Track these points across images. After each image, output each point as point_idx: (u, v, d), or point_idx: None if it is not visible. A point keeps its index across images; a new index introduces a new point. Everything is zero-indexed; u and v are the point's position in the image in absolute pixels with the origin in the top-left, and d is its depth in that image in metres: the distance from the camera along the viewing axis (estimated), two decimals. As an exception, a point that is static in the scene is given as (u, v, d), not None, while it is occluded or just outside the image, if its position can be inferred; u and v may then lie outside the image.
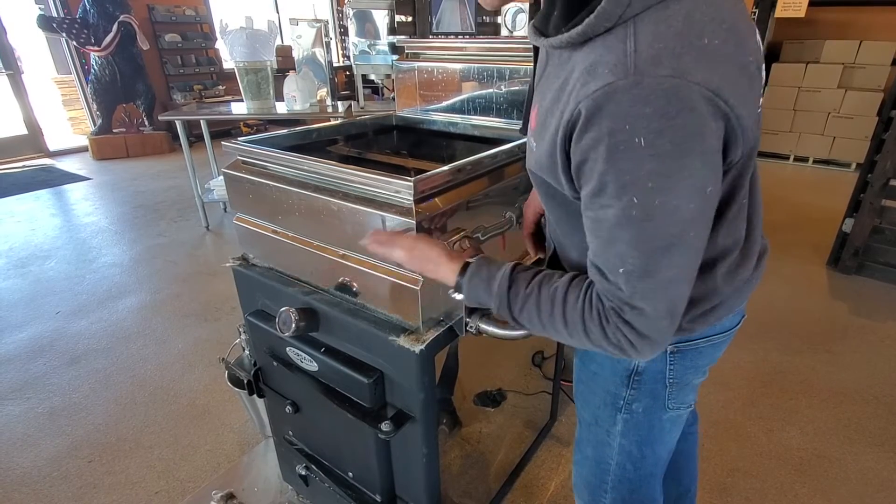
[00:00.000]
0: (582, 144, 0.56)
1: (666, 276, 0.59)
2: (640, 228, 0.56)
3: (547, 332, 0.71)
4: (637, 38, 0.52)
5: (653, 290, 0.60)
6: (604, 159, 0.55)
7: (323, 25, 4.02)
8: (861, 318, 2.54)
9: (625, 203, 0.55)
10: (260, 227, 1.10)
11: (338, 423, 1.16)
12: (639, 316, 0.62)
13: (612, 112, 0.52)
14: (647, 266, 0.58)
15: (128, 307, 2.73)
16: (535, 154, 0.69)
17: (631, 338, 0.63)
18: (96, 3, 5.27)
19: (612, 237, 0.59)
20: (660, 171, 0.53)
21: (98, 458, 1.77)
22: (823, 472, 1.68)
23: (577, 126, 0.56)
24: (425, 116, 1.48)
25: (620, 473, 0.94)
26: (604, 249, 0.61)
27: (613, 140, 0.53)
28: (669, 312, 0.63)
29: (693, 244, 0.60)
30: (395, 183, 0.82)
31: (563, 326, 0.68)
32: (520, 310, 0.72)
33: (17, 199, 4.52)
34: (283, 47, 6.62)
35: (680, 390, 0.85)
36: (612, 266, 0.61)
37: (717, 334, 0.82)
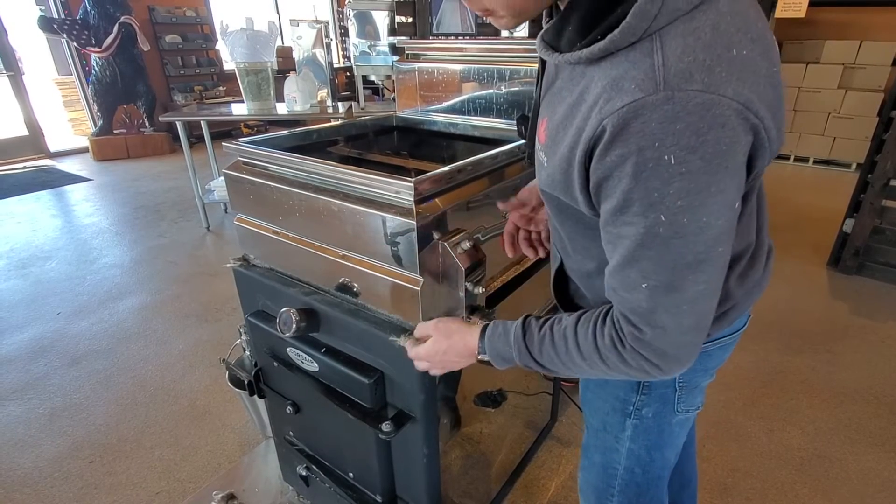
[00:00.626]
0: (606, 162, 0.54)
1: (694, 291, 0.58)
2: (668, 246, 0.55)
3: (570, 370, 0.71)
4: (665, 51, 0.51)
5: (677, 306, 0.59)
6: (630, 177, 0.53)
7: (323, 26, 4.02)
8: (861, 318, 2.54)
9: (651, 221, 0.54)
10: (261, 228, 1.11)
11: (338, 424, 1.16)
12: (661, 334, 0.60)
13: (641, 129, 0.50)
14: (674, 282, 0.57)
15: (128, 308, 2.73)
16: (547, 169, 0.67)
17: (652, 358, 0.63)
18: (97, 5, 5.27)
19: (636, 255, 0.57)
20: (689, 189, 0.52)
21: (99, 459, 1.77)
22: (824, 472, 1.68)
23: (601, 143, 0.54)
24: (426, 117, 1.48)
25: (628, 478, 0.94)
26: (625, 266, 0.59)
27: (642, 157, 0.51)
28: (696, 327, 0.61)
29: (720, 258, 0.59)
30: (395, 184, 0.82)
31: (581, 360, 0.68)
32: (539, 353, 0.72)
33: (17, 200, 4.52)
34: (284, 48, 6.62)
35: (689, 393, 0.85)
36: (632, 282, 0.59)
37: (726, 336, 0.82)
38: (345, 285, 1.00)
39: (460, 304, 0.91)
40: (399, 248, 0.86)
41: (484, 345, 0.78)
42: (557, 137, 0.63)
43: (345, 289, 1.00)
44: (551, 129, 0.65)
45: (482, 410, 1.32)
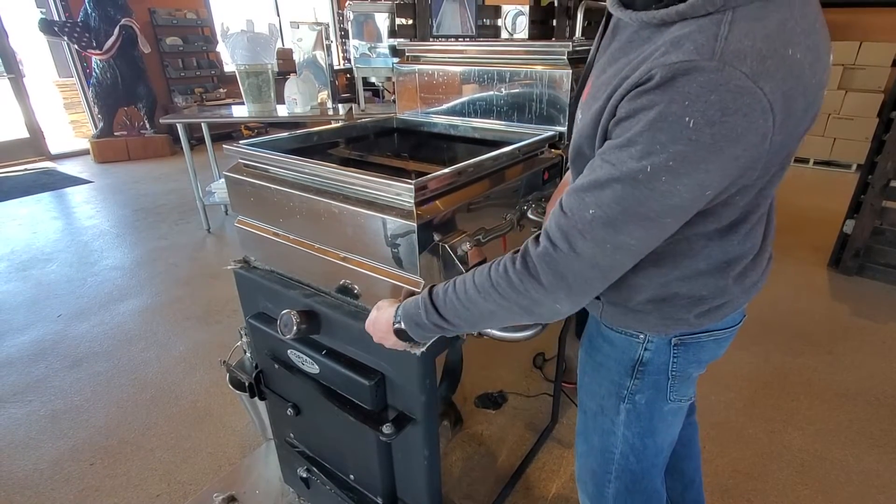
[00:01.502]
0: (636, 103, 0.57)
1: (623, 240, 0.61)
2: (635, 191, 0.58)
3: (471, 314, 0.73)
4: (732, 26, 0.53)
5: (604, 241, 0.62)
6: (648, 122, 0.55)
7: (324, 28, 4.03)
8: (862, 319, 2.54)
9: (639, 166, 0.57)
10: (261, 230, 1.11)
11: (339, 426, 1.16)
12: (573, 258, 0.63)
13: (681, 87, 0.53)
14: (616, 221, 0.60)
15: (129, 310, 2.73)
16: (579, 125, 0.70)
17: (544, 277, 0.65)
18: (98, 7, 5.29)
19: (605, 184, 0.60)
20: (685, 157, 0.55)
21: (99, 461, 1.77)
22: (825, 473, 1.68)
23: (641, 87, 0.57)
24: (426, 119, 1.48)
25: (624, 463, 0.96)
26: (589, 188, 0.62)
27: (667, 110, 0.54)
28: (602, 270, 0.64)
29: (662, 229, 0.62)
30: (395, 186, 0.82)
31: (477, 294, 0.71)
32: (443, 304, 0.75)
33: (18, 203, 4.53)
34: (284, 50, 6.64)
35: (682, 383, 0.87)
36: (584, 204, 0.62)
37: (720, 330, 0.84)
38: (345, 287, 1.00)
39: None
40: (400, 250, 0.86)
41: (398, 312, 0.81)
42: (598, 93, 0.66)
43: (345, 291, 1.00)
44: (595, 87, 0.68)
45: (483, 412, 1.32)
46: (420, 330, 0.79)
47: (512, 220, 1.09)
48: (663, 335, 0.82)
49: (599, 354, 0.91)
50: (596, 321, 0.91)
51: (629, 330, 0.84)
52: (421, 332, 0.80)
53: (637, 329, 0.83)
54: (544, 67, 1.23)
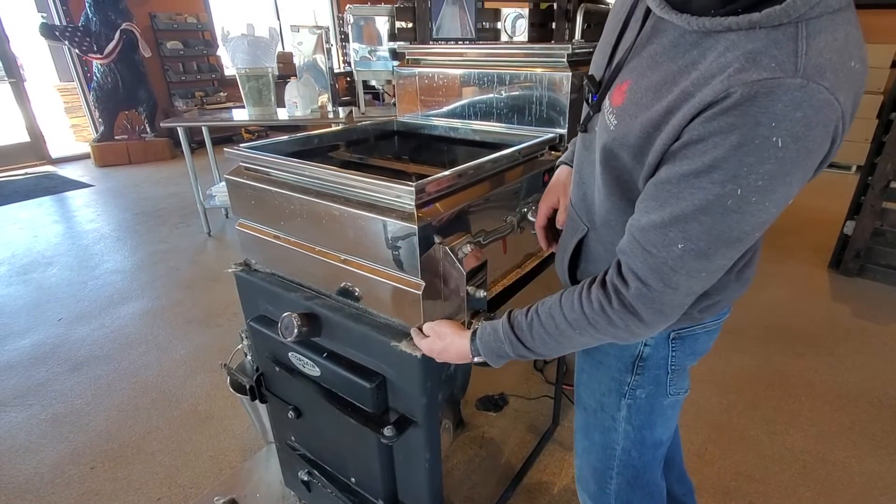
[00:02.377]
0: (713, 125, 0.55)
1: (717, 264, 0.62)
2: (725, 218, 0.57)
3: (561, 345, 0.76)
4: (809, 42, 0.52)
5: (699, 272, 0.62)
6: (732, 146, 0.54)
7: (324, 32, 4.04)
8: (863, 320, 2.54)
9: (726, 191, 0.56)
10: (262, 233, 1.11)
11: (340, 429, 1.16)
12: (671, 294, 0.64)
13: (766, 107, 0.52)
14: (709, 251, 0.60)
15: (130, 313, 2.73)
16: (617, 132, 0.66)
17: (645, 315, 0.66)
18: (98, 12, 5.30)
19: (689, 217, 0.59)
20: (774, 174, 0.54)
21: (100, 465, 1.77)
22: (827, 475, 1.67)
23: (717, 107, 0.54)
24: (426, 122, 1.48)
25: (626, 459, 0.97)
26: (670, 224, 0.60)
27: (754, 132, 0.52)
28: (696, 294, 0.66)
29: (750, 242, 0.62)
30: (396, 188, 0.83)
31: (571, 330, 0.72)
32: (530, 338, 0.77)
33: (19, 206, 4.53)
34: (285, 54, 6.65)
35: (679, 376, 0.89)
36: (669, 241, 0.61)
37: (711, 321, 0.87)
38: (346, 289, 1.00)
39: (462, 308, 0.91)
40: (400, 253, 0.87)
41: (477, 347, 0.83)
42: (644, 101, 0.63)
43: (346, 293, 1.00)
44: (636, 92, 0.64)
45: (484, 414, 1.31)
46: (500, 359, 0.82)
47: (512, 222, 1.10)
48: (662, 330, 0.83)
49: (598, 352, 0.92)
50: None
51: None
52: (500, 361, 0.82)
53: None
54: (544, 70, 1.23)
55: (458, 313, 0.93)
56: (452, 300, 0.92)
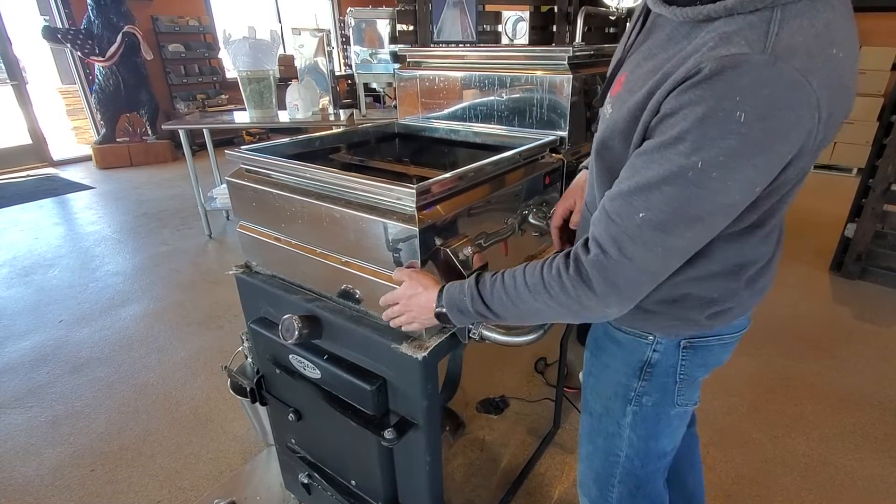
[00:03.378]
0: (683, 98, 0.57)
1: (675, 243, 0.62)
2: (686, 190, 0.58)
3: (518, 308, 0.75)
4: (782, 24, 0.54)
5: (655, 245, 0.62)
6: (696, 118, 0.55)
7: (325, 35, 4.05)
8: (865, 322, 2.53)
9: (689, 163, 0.57)
10: (263, 235, 1.11)
11: (341, 431, 1.16)
12: (625, 264, 0.63)
13: (731, 80, 0.53)
14: (667, 224, 0.60)
15: (130, 315, 2.73)
16: (610, 119, 0.70)
17: (596, 285, 0.65)
18: (100, 14, 5.32)
19: (653, 186, 0.60)
20: (736, 151, 0.55)
21: (100, 467, 1.76)
22: (829, 478, 1.67)
23: (689, 81, 0.56)
24: (427, 124, 1.49)
25: (628, 467, 0.95)
26: (635, 192, 0.62)
27: (717, 105, 0.54)
28: (653, 274, 0.65)
29: (712, 228, 0.63)
30: (397, 190, 0.83)
31: (528, 292, 0.72)
32: (490, 295, 0.76)
33: (21, 209, 4.54)
34: (286, 56, 6.67)
35: (688, 386, 0.87)
36: (632, 209, 0.62)
37: (728, 334, 0.85)
38: (347, 292, 1.00)
39: (462, 311, 0.91)
40: (401, 255, 0.87)
41: (441, 297, 0.81)
42: (635, 87, 0.66)
43: (347, 295, 1.00)
44: (630, 81, 0.68)
45: (484, 417, 1.31)
46: (462, 316, 0.80)
47: (513, 224, 1.10)
48: (672, 337, 0.82)
49: (605, 355, 0.91)
50: (602, 323, 0.91)
51: (638, 331, 0.84)
52: (462, 318, 0.81)
53: (646, 330, 0.83)
54: (545, 72, 1.23)
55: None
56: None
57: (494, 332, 0.92)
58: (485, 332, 0.92)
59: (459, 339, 0.96)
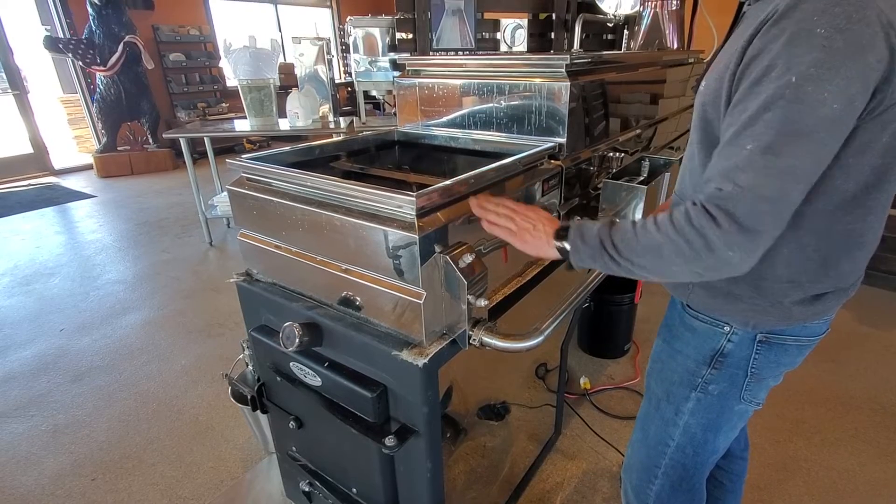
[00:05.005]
0: (766, 37, 0.64)
1: (785, 163, 0.63)
2: (785, 109, 0.62)
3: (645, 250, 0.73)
4: None
5: (766, 167, 0.63)
6: (783, 44, 0.62)
7: (325, 43, 4.08)
8: (866, 326, 2.53)
9: (783, 83, 0.61)
10: (264, 243, 1.11)
11: (342, 439, 1.16)
12: (740, 193, 0.64)
13: (806, 7, 0.61)
14: (774, 145, 0.63)
15: (131, 324, 2.74)
16: (703, 91, 0.77)
17: (719, 217, 0.65)
18: (102, 24, 5.36)
19: (755, 118, 0.64)
20: (823, 62, 0.60)
21: (101, 476, 1.76)
22: (831, 483, 1.66)
23: (768, 23, 0.64)
24: (426, 131, 1.50)
25: (677, 457, 0.96)
26: (739, 133, 0.65)
27: (798, 28, 0.61)
28: (772, 201, 0.64)
29: (820, 146, 0.63)
30: (397, 198, 0.83)
31: (657, 231, 0.72)
32: (620, 235, 0.76)
33: (22, 218, 4.55)
34: (286, 65, 6.70)
35: (757, 383, 0.88)
36: (739, 147, 0.65)
37: (805, 336, 0.86)
38: (347, 299, 1.00)
39: (463, 317, 0.92)
40: (401, 262, 0.87)
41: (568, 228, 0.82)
42: (722, 58, 0.74)
43: (347, 303, 1.01)
44: (718, 59, 0.77)
45: (485, 423, 1.31)
46: (583, 245, 0.79)
47: (512, 230, 1.10)
48: (750, 329, 0.83)
49: (679, 342, 0.92)
50: (679, 310, 0.93)
51: (715, 318, 0.85)
52: (581, 248, 0.80)
53: (724, 318, 0.85)
54: (543, 80, 1.24)
55: (459, 322, 0.93)
56: (453, 309, 0.92)
57: (495, 338, 0.92)
58: (485, 337, 0.93)
59: (460, 344, 0.96)
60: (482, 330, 0.93)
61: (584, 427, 1.90)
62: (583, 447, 1.82)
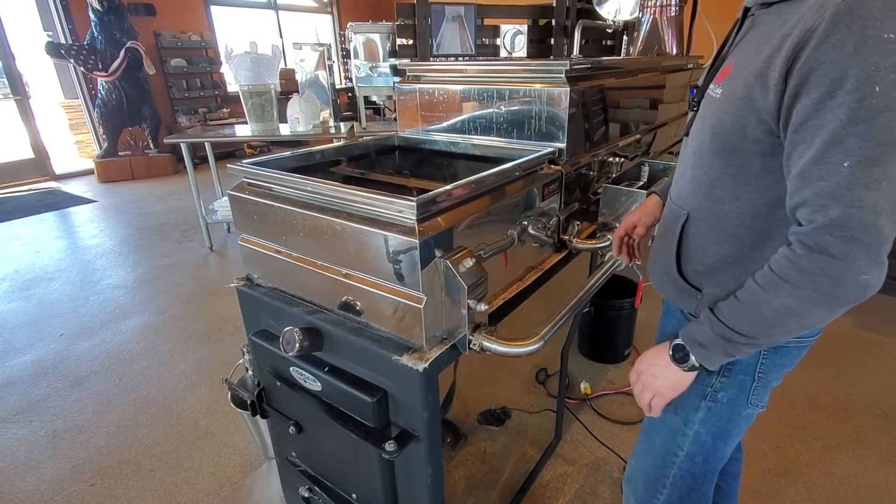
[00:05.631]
0: (823, 48, 0.60)
1: (894, 172, 0.59)
2: (878, 119, 0.58)
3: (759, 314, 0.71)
4: None
5: (878, 181, 0.59)
6: (850, 53, 0.58)
7: (326, 49, 4.09)
8: (867, 331, 2.53)
9: (865, 93, 0.58)
10: (264, 248, 1.12)
11: (341, 444, 1.15)
12: (856, 213, 0.60)
13: (864, 13, 0.57)
14: (878, 156, 0.59)
15: (131, 328, 2.73)
16: (723, 96, 0.74)
17: (836, 249, 0.62)
18: (104, 30, 5.39)
19: (840, 135, 0.60)
20: None
21: (100, 482, 1.75)
22: (833, 489, 1.66)
23: (818, 33, 0.60)
24: (427, 137, 1.50)
25: (687, 467, 0.96)
26: (824, 154, 0.61)
27: (864, 35, 0.57)
28: (889, 212, 0.61)
29: None
30: (397, 203, 0.83)
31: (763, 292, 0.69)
32: (728, 314, 0.74)
33: (22, 223, 4.56)
34: (287, 70, 6.74)
35: (763, 387, 0.89)
36: (832, 167, 0.61)
37: (805, 337, 0.87)
38: (348, 304, 1.00)
39: (463, 321, 0.92)
40: (402, 267, 0.87)
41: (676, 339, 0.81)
42: (744, 64, 0.71)
43: (348, 307, 1.01)
44: (738, 65, 0.73)
45: (486, 428, 1.31)
46: (705, 351, 0.77)
47: (513, 235, 1.10)
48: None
49: None
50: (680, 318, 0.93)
51: None
52: (707, 354, 0.77)
53: None
54: (543, 85, 1.25)
55: (459, 327, 0.93)
56: (453, 314, 0.92)
57: (495, 343, 0.92)
58: (485, 342, 0.93)
59: (460, 349, 0.96)
60: (482, 335, 0.93)
61: (585, 432, 1.90)
62: (583, 452, 1.81)
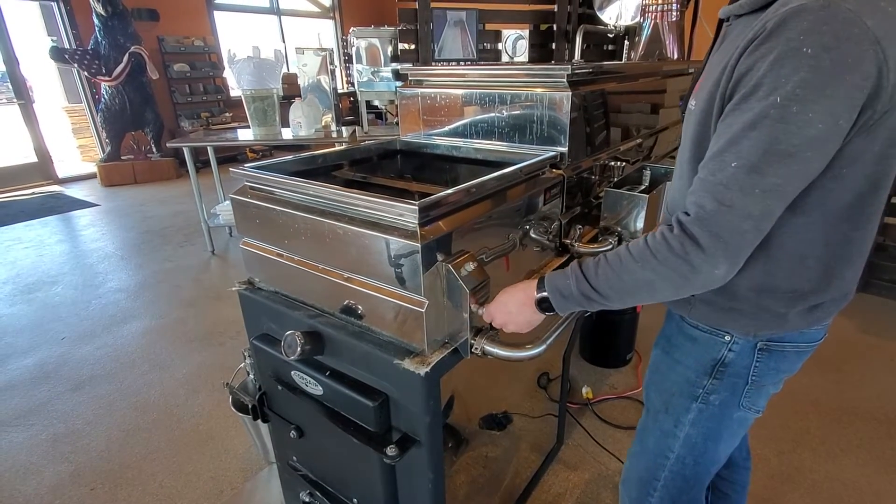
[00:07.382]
0: (755, 55, 0.63)
1: (770, 182, 0.63)
2: (771, 129, 0.62)
3: (624, 283, 0.75)
4: None
5: (752, 187, 0.64)
6: (770, 63, 0.61)
7: (328, 54, 4.11)
8: (869, 336, 2.52)
9: (769, 102, 0.61)
10: (266, 252, 1.12)
11: (343, 448, 1.15)
12: (725, 212, 0.65)
13: (794, 26, 0.60)
14: (759, 164, 0.63)
15: (133, 332, 2.73)
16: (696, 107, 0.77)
17: (701, 238, 0.66)
18: (108, 35, 5.42)
19: (739, 137, 0.64)
20: (810, 82, 0.59)
21: (100, 486, 1.75)
22: (837, 495, 1.64)
23: (757, 40, 0.63)
24: (428, 141, 1.50)
25: (677, 469, 0.95)
26: (724, 149, 0.66)
27: (786, 47, 0.60)
28: (755, 221, 0.65)
29: (805, 165, 0.64)
30: (399, 207, 0.83)
31: (633, 262, 0.73)
32: (595, 274, 0.78)
33: (25, 226, 4.57)
34: (289, 75, 6.76)
35: (757, 391, 0.88)
36: (724, 163, 0.65)
37: (804, 343, 0.86)
38: (349, 308, 1.00)
39: (465, 325, 0.92)
40: (403, 271, 0.87)
41: (543, 284, 0.84)
42: (709, 76, 0.74)
43: (349, 311, 1.01)
44: (706, 76, 0.76)
45: (487, 433, 1.30)
46: (564, 301, 0.81)
47: (514, 239, 1.10)
48: (751, 337, 0.83)
49: (678, 352, 0.92)
50: (677, 320, 0.93)
51: (716, 328, 0.85)
52: (564, 304, 0.82)
53: (725, 327, 0.84)
54: (544, 90, 1.25)
55: (461, 331, 0.93)
56: (455, 318, 0.92)
57: (497, 347, 0.92)
58: (487, 346, 0.93)
59: (462, 353, 0.96)
60: (484, 339, 0.93)
61: (587, 437, 1.89)
62: (585, 457, 1.81)
